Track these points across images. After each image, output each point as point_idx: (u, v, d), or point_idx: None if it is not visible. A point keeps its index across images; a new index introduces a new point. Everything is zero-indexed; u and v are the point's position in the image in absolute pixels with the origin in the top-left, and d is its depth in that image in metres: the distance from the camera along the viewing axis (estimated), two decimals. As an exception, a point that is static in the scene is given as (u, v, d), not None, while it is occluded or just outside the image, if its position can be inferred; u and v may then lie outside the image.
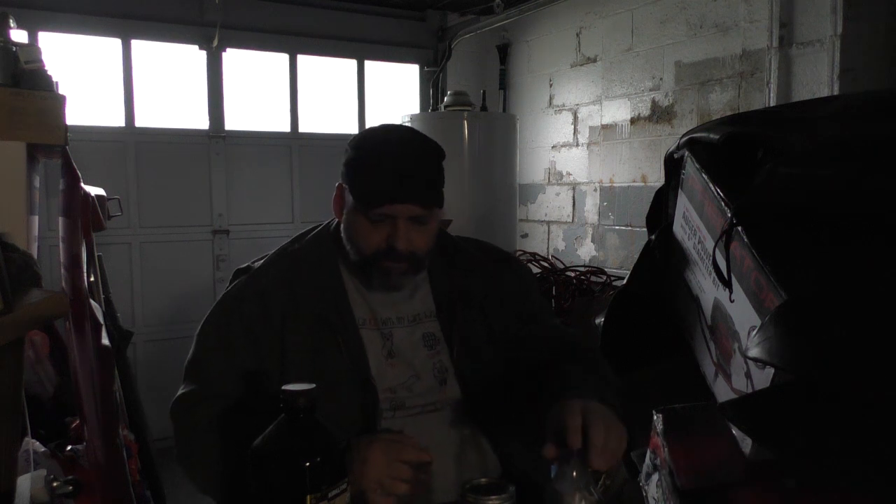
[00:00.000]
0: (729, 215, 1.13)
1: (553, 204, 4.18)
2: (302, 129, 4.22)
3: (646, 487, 1.22)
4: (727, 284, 1.14)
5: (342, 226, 1.30)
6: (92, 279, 2.06)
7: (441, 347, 1.29)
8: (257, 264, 1.34)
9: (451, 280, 1.33)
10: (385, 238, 1.21)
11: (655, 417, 1.18)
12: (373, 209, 1.21)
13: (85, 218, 1.92)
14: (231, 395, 1.20)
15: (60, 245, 1.85)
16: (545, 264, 3.71)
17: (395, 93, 4.59)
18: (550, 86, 4.14)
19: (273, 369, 1.22)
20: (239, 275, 1.34)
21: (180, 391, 1.24)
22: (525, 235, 4.35)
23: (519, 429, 1.24)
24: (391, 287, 1.27)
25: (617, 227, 3.72)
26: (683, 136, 1.42)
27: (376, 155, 1.23)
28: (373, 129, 1.30)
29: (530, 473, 1.19)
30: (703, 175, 1.27)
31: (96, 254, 2.36)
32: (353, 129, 4.35)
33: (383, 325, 1.28)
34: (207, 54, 3.92)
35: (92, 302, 1.66)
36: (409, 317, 1.31)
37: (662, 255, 1.48)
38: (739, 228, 1.10)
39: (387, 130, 1.30)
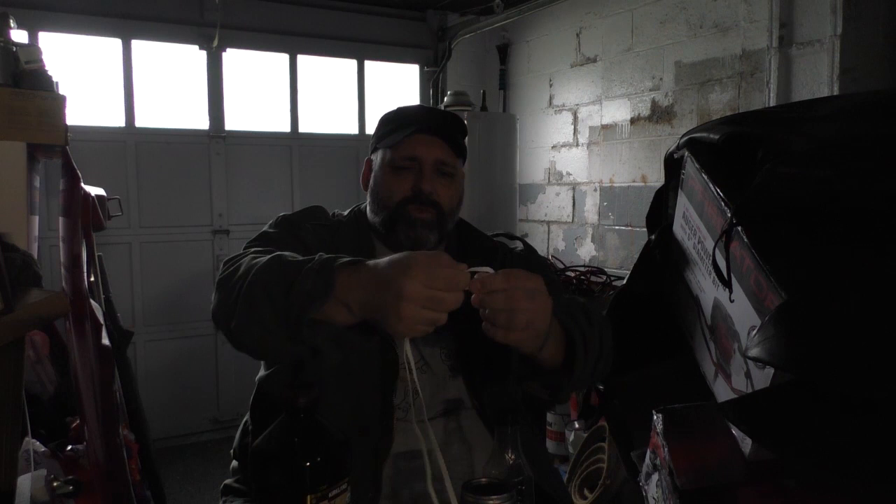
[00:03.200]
0: (729, 215, 1.13)
1: (553, 204, 4.18)
2: (302, 129, 4.21)
3: (646, 487, 1.22)
4: (727, 284, 1.14)
5: (369, 192, 1.34)
6: (92, 279, 2.06)
7: (444, 336, 1.26)
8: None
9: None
10: (411, 185, 1.26)
11: (655, 417, 1.18)
12: (400, 149, 1.27)
13: (85, 218, 1.92)
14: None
15: (60, 245, 1.85)
16: (545, 264, 3.71)
17: (395, 93, 4.58)
18: (550, 86, 4.14)
19: None
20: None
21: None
22: (525, 235, 4.34)
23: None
24: (417, 240, 1.26)
25: (617, 227, 3.72)
26: (683, 136, 1.42)
27: (403, 111, 1.36)
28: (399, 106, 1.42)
29: (539, 482, 1.17)
30: (703, 175, 1.27)
31: (96, 254, 2.36)
32: (353, 130, 4.35)
33: None
34: (207, 54, 3.92)
35: (92, 302, 1.66)
36: None
37: (662, 255, 1.48)
38: (739, 228, 1.10)
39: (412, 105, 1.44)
